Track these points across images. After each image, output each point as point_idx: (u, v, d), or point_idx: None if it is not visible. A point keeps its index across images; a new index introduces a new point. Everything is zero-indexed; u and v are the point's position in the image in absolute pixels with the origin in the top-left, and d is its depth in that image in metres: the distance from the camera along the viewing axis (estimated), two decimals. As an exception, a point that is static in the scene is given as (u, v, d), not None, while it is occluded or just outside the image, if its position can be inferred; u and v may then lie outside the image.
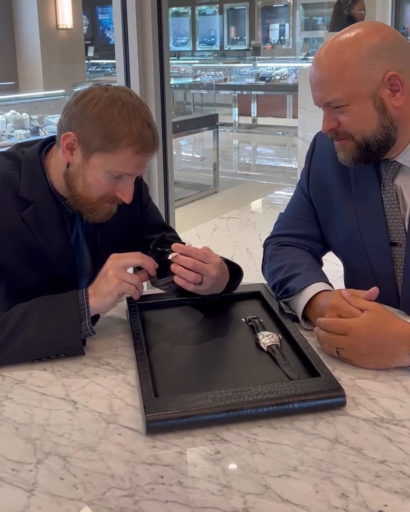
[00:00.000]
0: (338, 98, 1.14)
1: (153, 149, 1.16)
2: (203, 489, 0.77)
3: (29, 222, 1.20)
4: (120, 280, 1.09)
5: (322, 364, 0.99)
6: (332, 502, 0.74)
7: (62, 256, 1.25)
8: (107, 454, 0.84)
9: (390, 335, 1.01)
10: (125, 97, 1.14)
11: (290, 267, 1.26)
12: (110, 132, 1.11)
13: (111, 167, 1.14)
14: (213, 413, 0.88)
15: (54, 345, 1.08)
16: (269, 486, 0.77)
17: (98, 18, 13.14)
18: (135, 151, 1.12)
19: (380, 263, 1.26)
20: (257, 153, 8.23)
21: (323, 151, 1.35)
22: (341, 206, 1.30)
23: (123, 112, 1.11)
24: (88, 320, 1.08)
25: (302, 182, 1.41)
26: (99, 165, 1.14)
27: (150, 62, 2.59)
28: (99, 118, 1.11)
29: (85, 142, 1.13)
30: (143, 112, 1.14)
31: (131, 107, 1.12)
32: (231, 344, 1.14)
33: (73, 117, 1.14)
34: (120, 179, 1.17)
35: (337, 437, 0.86)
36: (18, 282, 1.24)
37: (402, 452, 0.82)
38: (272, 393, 0.91)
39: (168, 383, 0.99)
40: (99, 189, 1.17)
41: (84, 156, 1.15)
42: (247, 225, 4.55)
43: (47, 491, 0.78)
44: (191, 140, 7.78)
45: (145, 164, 1.18)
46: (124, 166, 1.14)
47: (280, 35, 11.73)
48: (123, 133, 1.11)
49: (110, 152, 1.12)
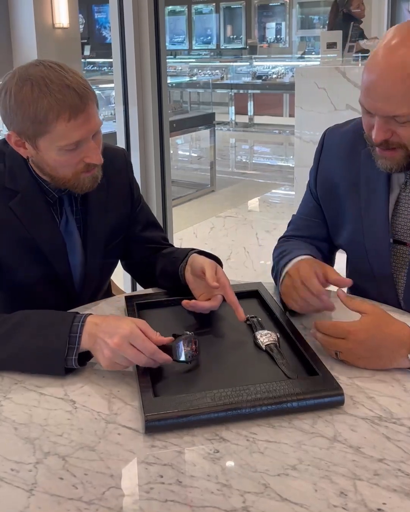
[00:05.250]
0: (407, 113, 1.05)
1: (85, 106, 1.09)
2: (203, 488, 0.77)
3: (17, 211, 1.21)
4: (114, 364, 1.00)
5: (320, 363, 0.99)
6: (331, 500, 0.74)
7: (53, 243, 1.25)
8: (106, 454, 0.84)
9: (389, 338, 1.01)
10: (33, 72, 1.09)
11: (285, 250, 1.30)
12: (33, 114, 1.08)
13: (58, 144, 1.12)
14: (211, 412, 0.89)
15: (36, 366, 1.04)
16: (268, 485, 0.77)
17: (95, 17, 13.11)
18: (66, 120, 1.08)
19: (379, 263, 1.26)
20: (254, 152, 8.23)
21: (332, 150, 1.34)
22: (347, 205, 1.30)
23: (34, 90, 1.07)
24: (75, 357, 1.01)
25: (310, 181, 1.41)
26: (48, 148, 1.13)
27: (147, 61, 2.59)
28: (19, 106, 1.09)
29: (23, 133, 1.13)
30: (57, 77, 1.08)
31: (41, 81, 1.07)
32: (229, 343, 1.14)
33: (4, 116, 1.14)
34: (78, 148, 1.14)
35: (336, 435, 0.86)
36: (13, 274, 1.24)
37: (401, 450, 0.83)
38: (271, 392, 0.91)
39: (167, 382, 0.99)
40: (65, 166, 1.16)
41: (33, 146, 1.14)
42: (244, 224, 4.55)
43: (46, 491, 0.78)
44: (188, 139, 7.77)
45: (89, 122, 1.11)
46: (67, 137, 1.10)
47: (277, 33, 11.73)
48: (44, 110, 1.07)
49: (46, 132, 1.10)
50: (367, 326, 1.01)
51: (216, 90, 9.50)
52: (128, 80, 2.62)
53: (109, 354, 0.99)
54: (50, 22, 6.04)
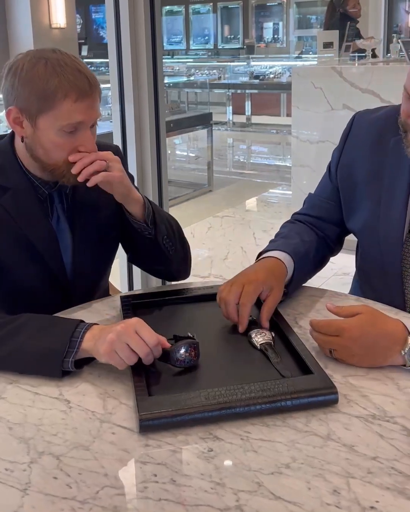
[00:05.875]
0: None
1: (92, 92, 1.14)
2: (196, 487, 0.77)
3: (9, 208, 1.21)
4: (114, 353, 0.98)
5: (314, 361, 0.99)
6: (324, 498, 0.75)
7: (46, 240, 1.25)
8: (100, 453, 0.84)
9: (383, 335, 1.01)
10: (48, 54, 1.13)
11: (280, 233, 1.35)
12: (42, 90, 1.11)
13: (59, 123, 1.13)
14: (205, 411, 0.89)
15: (34, 367, 1.04)
16: (261, 484, 0.77)
17: (92, 17, 13.12)
18: (73, 100, 1.11)
19: (390, 252, 1.27)
20: (251, 152, 8.23)
21: (360, 134, 1.35)
22: (366, 191, 1.31)
23: (48, 68, 1.11)
24: (72, 359, 1.00)
25: (332, 161, 1.41)
26: (48, 126, 1.14)
27: (143, 59, 2.59)
28: (28, 81, 1.12)
29: (26, 110, 1.14)
30: (71, 62, 1.13)
31: (55, 62, 1.12)
32: (224, 342, 1.14)
33: (7, 92, 1.15)
34: (75, 134, 1.15)
35: (329, 434, 0.86)
36: (8, 272, 1.24)
37: (394, 448, 0.83)
38: (265, 391, 0.92)
39: (162, 381, 1.00)
40: (59, 151, 1.17)
41: (32, 124, 1.15)
42: (241, 224, 4.56)
43: (40, 490, 0.78)
44: (186, 139, 7.78)
45: (92, 108, 1.15)
46: (70, 117, 1.13)
47: (274, 33, 11.74)
48: (54, 87, 1.10)
49: (51, 109, 1.12)
50: (361, 323, 1.02)
51: (213, 90, 9.50)
52: (125, 79, 2.62)
53: (112, 337, 0.97)
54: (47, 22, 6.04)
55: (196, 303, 1.26)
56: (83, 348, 1.01)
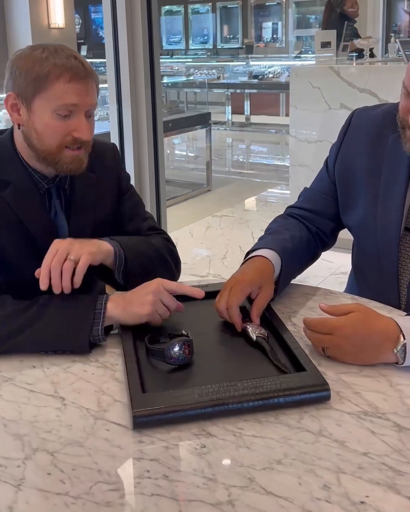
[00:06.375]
0: None
1: (86, 76, 1.17)
2: (189, 482, 0.78)
3: (11, 202, 1.23)
4: (155, 310, 1.11)
5: (307, 359, 1.00)
6: (315, 493, 0.75)
7: (47, 234, 1.26)
8: (94, 450, 0.85)
9: (375, 333, 1.02)
10: (47, 45, 1.20)
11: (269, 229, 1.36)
12: (37, 72, 1.16)
13: (53, 104, 1.16)
14: (199, 408, 0.89)
15: (62, 342, 1.09)
16: (253, 479, 0.78)
17: (91, 17, 13.11)
18: (67, 80, 1.15)
19: (386, 249, 1.28)
20: (250, 151, 8.24)
21: (358, 131, 1.36)
22: (364, 187, 1.32)
23: (45, 52, 1.17)
24: (101, 326, 1.08)
25: (329, 157, 1.42)
26: (42, 108, 1.17)
27: (141, 61, 2.60)
28: (25, 66, 1.17)
29: (22, 94, 1.18)
30: (67, 50, 1.19)
31: (52, 48, 1.18)
32: (218, 340, 1.15)
33: (7, 80, 1.20)
34: (70, 118, 1.18)
35: (321, 430, 0.87)
36: (9, 267, 1.25)
37: (385, 444, 0.84)
38: (258, 388, 0.92)
39: (156, 379, 1.00)
40: (53, 134, 1.18)
41: (27, 108, 1.18)
42: (240, 223, 4.56)
43: (34, 486, 0.78)
44: (185, 138, 7.78)
45: (87, 92, 1.18)
46: (64, 97, 1.16)
47: (273, 33, 11.73)
48: (48, 68, 1.15)
49: (45, 90, 1.16)
50: (353, 321, 1.02)
51: (212, 89, 9.51)
52: (122, 79, 2.63)
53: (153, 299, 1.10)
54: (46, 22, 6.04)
55: (191, 302, 1.26)
56: (108, 316, 1.10)
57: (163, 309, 1.12)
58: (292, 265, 1.29)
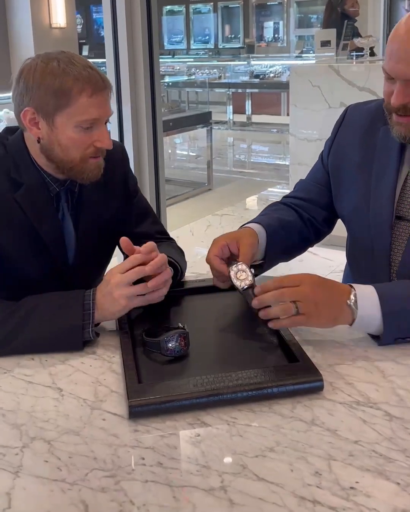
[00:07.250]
0: None
1: (105, 87, 1.18)
2: (183, 469, 0.80)
3: (22, 203, 1.24)
4: (129, 299, 1.11)
5: (301, 350, 1.02)
6: (306, 480, 0.77)
7: (54, 237, 1.28)
8: (90, 438, 0.87)
9: (334, 286, 1.09)
10: (57, 55, 1.18)
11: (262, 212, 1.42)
12: (58, 88, 1.14)
13: (77, 119, 1.16)
14: (193, 398, 0.91)
15: (56, 345, 1.10)
16: (245, 466, 0.80)
17: (93, 17, 13.13)
18: (89, 95, 1.15)
19: (379, 237, 1.31)
20: (251, 151, 8.25)
21: (352, 125, 1.40)
22: (357, 178, 1.35)
23: (61, 65, 1.15)
24: (91, 328, 1.10)
25: (324, 151, 1.47)
26: (65, 123, 1.17)
27: (140, 60, 2.61)
28: (43, 81, 1.15)
29: (42, 109, 1.17)
30: (81, 60, 1.18)
31: (66, 60, 1.16)
32: (213, 332, 1.16)
33: (21, 95, 1.18)
34: (92, 129, 1.19)
35: (314, 419, 0.89)
36: (16, 267, 1.27)
37: (376, 432, 0.85)
38: (252, 378, 0.94)
39: (152, 370, 1.02)
40: (77, 147, 1.20)
41: (48, 123, 1.18)
42: (240, 222, 4.49)
43: (31, 473, 0.80)
44: (186, 138, 7.80)
45: (106, 104, 1.20)
46: (87, 112, 1.16)
47: (274, 33, 11.74)
48: (70, 84, 1.15)
49: (68, 106, 1.15)
50: (314, 275, 1.08)
51: (213, 89, 9.52)
52: (122, 79, 2.65)
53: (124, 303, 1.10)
54: (47, 22, 6.06)
55: (188, 296, 1.28)
56: (97, 318, 1.11)
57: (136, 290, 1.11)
58: (278, 240, 1.33)
